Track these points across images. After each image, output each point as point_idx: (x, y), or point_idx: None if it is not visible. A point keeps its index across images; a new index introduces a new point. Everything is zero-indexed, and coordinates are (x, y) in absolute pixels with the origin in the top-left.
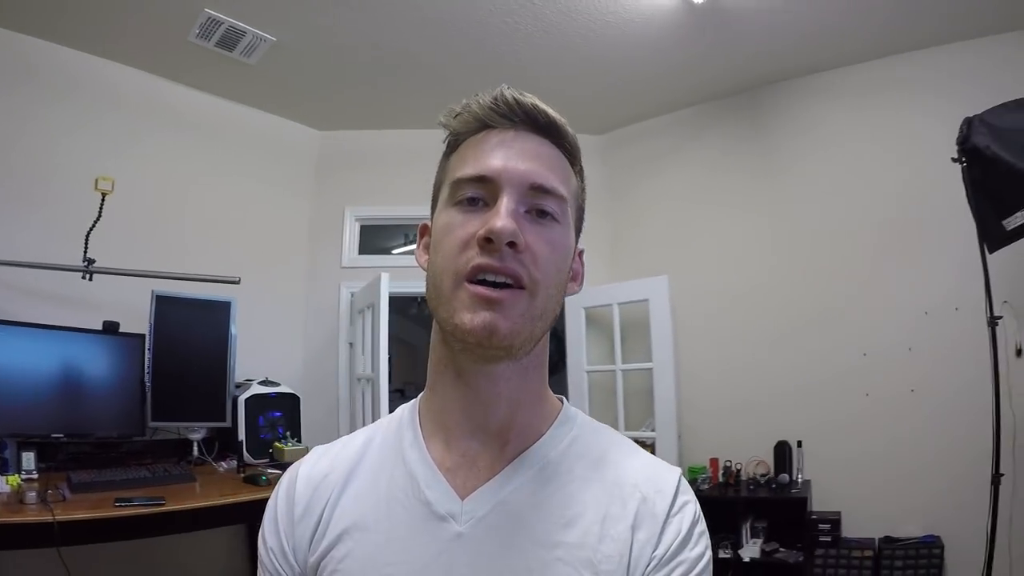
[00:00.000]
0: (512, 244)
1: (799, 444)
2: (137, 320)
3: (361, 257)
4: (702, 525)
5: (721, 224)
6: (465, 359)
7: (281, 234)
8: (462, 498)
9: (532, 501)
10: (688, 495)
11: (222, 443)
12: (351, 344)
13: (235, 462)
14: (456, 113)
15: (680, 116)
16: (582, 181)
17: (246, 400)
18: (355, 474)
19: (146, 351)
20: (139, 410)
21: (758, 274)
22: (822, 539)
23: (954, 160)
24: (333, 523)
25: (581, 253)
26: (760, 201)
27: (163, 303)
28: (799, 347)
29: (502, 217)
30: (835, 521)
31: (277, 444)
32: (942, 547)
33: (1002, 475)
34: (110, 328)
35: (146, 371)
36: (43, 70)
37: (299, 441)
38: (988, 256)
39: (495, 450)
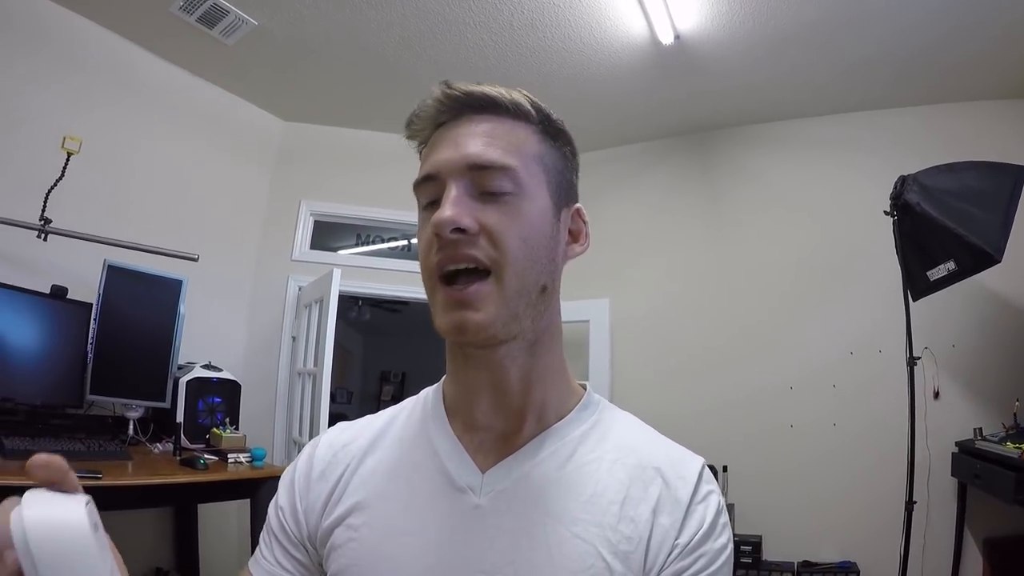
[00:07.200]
0: (461, 230)
1: (724, 469)
2: (86, 289)
3: (312, 252)
4: (725, 516)
5: (663, 254)
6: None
7: (235, 219)
8: (482, 472)
9: (552, 478)
10: (712, 485)
11: (158, 425)
12: (294, 338)
13: (171, 444)
14: (407, 125)
15: (633, 149)
16: (554, 139)
17: (187, 382)
18: (377, 445)
19: (92, 321)
20: (78, 381)
21: (695, 305)
22: (743, 560)
23: (886, 213)
24: (351, 490)
25: (579, 211)
26: (701, 236)
27: (114, 274)
28: (730, 377)
29: (444, 208)
30: (756, 544)
31: (215, 430)
32: (858, 572)
33: (915, 502)
34: (58, 293)
35: (90, 342)
36: (15, 18)
37: (237, 429)
38: (911, 304)
39: (515, 426)
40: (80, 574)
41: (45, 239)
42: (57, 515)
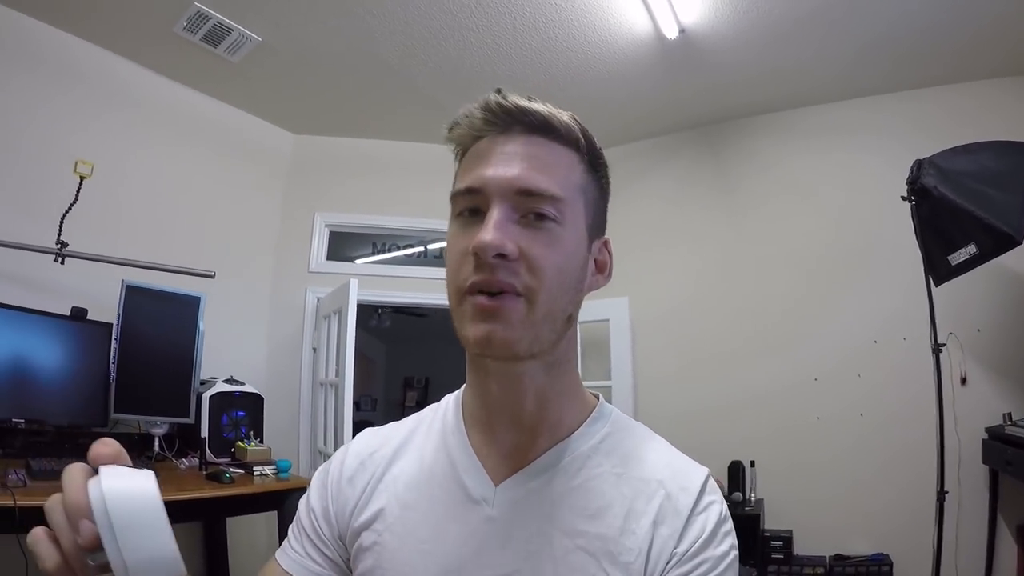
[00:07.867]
0: (502, 256)
1: (752, 464)
2: (105, 309)
3: (328, 263)
4: (728, 525)
5: (680, 250)
6: (488, 360)
7: (250, 234)
8: (496, 484)
9: (560, 492)
10: (714, 495)
11: (183, 440)
12: (315, 349)
13: (196, 459)
14: (452, 126)
15: (644, 145)
16: (596, 169)
17: (211, 397)
18: (401, 454)
19: (113, 341)
20: (102, 400)
21: (715, 300)
22: (775, 556)
23: (904, 198)
24: (376, 496)
25: (606, 243)
26: (717, 230)
27: (133, 293)
28: (753, 371)
29: (488, 231)
30: (787, 538)
31: (240, 443)
32: (891, 564)
33: (946, 492)
34: (78, 315)
35: (111, 361)
36: (21, 44)
37: (261, 441)
38: (934, 289)
39: (528, 442)
40: (153, 539)
41: (62, 262)
42: (133, 484)
